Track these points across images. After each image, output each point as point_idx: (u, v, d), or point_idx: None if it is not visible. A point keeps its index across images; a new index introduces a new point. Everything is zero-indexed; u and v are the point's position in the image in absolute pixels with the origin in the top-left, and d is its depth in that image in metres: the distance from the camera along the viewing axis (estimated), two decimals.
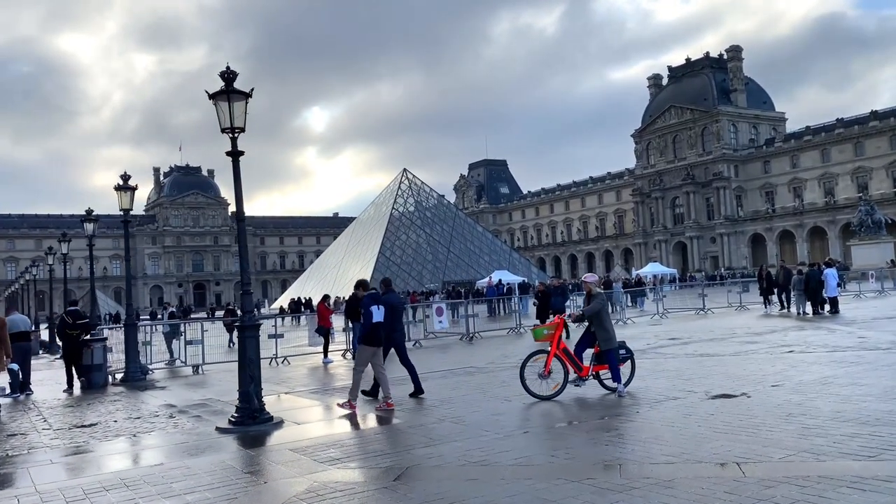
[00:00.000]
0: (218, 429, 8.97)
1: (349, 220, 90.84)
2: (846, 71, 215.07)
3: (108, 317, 64.26)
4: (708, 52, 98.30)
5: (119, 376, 16.03)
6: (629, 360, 10.20)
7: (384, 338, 10.27)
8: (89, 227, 20.42)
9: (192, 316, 31.66)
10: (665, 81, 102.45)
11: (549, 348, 9.84)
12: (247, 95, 9.21)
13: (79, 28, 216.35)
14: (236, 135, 9.26)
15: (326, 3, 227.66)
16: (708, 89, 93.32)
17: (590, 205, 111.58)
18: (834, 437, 6.53)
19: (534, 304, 20.97)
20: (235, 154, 9.33)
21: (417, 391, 10.59)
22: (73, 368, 15.10)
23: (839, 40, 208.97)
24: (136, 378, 15.57)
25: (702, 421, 7.66)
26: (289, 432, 8.64)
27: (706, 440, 6.78)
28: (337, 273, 66.93)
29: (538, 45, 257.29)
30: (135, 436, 9.03)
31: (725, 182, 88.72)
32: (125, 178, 15.78)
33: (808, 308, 22.60)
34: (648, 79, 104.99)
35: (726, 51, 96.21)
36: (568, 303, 20.93)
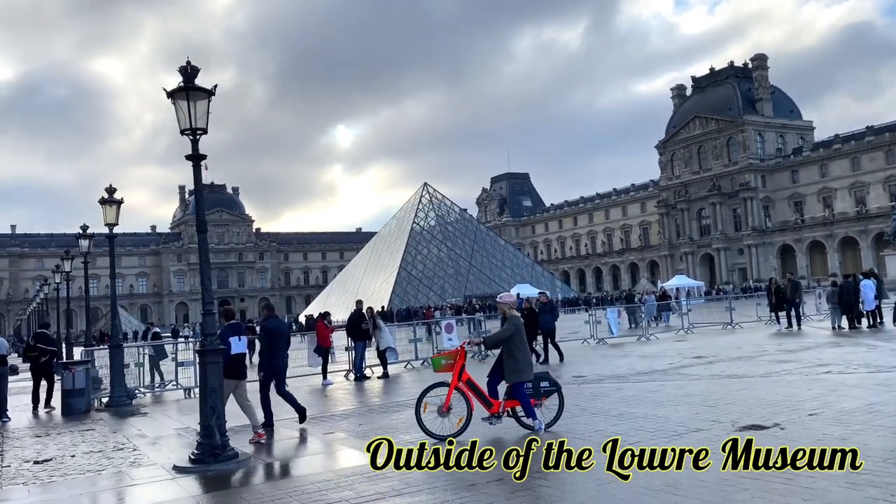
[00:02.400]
0: (175, 467, 7.94)
1: (372, 234, 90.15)
2: (874, 80, 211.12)
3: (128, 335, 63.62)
4: (732, 62, 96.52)
5: (105, 400, 15.12)
6: (555, 394, 8.76)
7: (266, 365, 10.38)
8: (84, 243, 19.63)
9: None
10: (689, 92, 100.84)
11: (450, 380, 8.53)
12: (209, 93, 8.23)
13: (111, 52, 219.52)
14: (198, 137, 8.28)
15: (351, 24, 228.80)
16: (733, 99, 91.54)
17: (614, 217, 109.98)
18: (891, 487, 5.33)
19: None
20: (196, 158, 8.35)
21: (301, 418, 10.54)
22: (40, 391, 14.94)
23: (867, 49, 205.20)
24: (122, 403, 14.62)
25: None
26: (251, 473, 7.58)
27: (732, 489, 5.62)
28: (359, 287, 66.20)
29: (561, 60, 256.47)
30: (83, 475, 8.03)
31: (752, 192, 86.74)
32: (110, 190, 14.91)
33: (844, 322, 21.21)
34: (672, 89, 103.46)
35: (751, 59, 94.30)
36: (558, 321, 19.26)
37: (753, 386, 11.21)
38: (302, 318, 64.70)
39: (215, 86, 8.30)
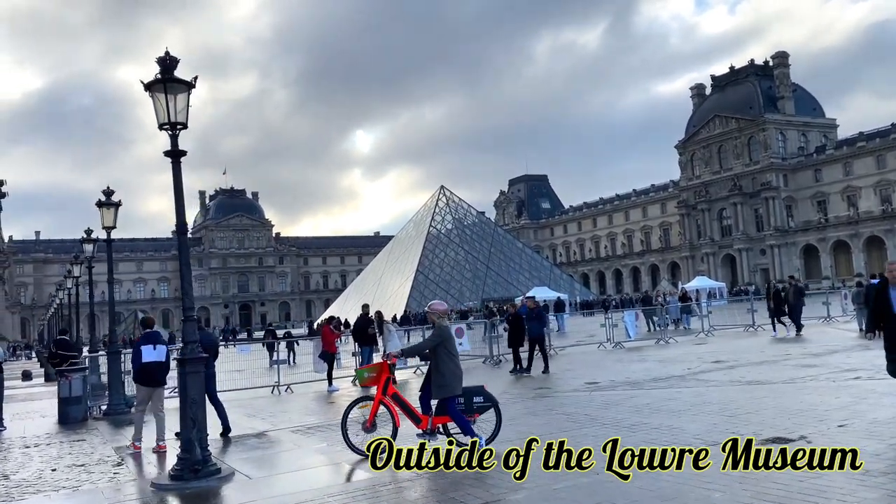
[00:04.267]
0: (154, 485, 7.45)
1: (390, 238, 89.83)
2: None
3: None
4: (752, 60, 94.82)
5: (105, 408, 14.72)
6: (491, 409, 8.03)
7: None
8: (88, 247, 19.31)
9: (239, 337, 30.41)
10: (708, 91, 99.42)
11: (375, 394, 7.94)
12: (189, 85, 7.75)
13: (134, 60, 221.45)
14: (177, 132, 7.82)
15: (371, 29, 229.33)
16: (753, 97, 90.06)
17: (634, 218, 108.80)
18: None
19: (504, 329, 18.21)
20: (176, 154, 7.88)
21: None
22: None
23: (891, 47, 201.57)
24: (120, 411, 14.20)
25: (750, 480, 5.88)
26: (232, 491, 7.06)
27: None
28: (377, 291, 65.83)
29: (580, 62, 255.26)
30: (57, 491, 7.54)
31: (774, 192, 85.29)
32: (108, 193, 14.53)
33: None
34: (691, 88, 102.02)
35: (772, 58, 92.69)
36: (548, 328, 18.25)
37: (776, 393, 10.54)
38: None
39: (195, 78, 7.82)
